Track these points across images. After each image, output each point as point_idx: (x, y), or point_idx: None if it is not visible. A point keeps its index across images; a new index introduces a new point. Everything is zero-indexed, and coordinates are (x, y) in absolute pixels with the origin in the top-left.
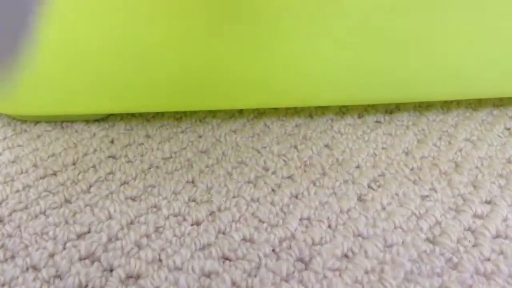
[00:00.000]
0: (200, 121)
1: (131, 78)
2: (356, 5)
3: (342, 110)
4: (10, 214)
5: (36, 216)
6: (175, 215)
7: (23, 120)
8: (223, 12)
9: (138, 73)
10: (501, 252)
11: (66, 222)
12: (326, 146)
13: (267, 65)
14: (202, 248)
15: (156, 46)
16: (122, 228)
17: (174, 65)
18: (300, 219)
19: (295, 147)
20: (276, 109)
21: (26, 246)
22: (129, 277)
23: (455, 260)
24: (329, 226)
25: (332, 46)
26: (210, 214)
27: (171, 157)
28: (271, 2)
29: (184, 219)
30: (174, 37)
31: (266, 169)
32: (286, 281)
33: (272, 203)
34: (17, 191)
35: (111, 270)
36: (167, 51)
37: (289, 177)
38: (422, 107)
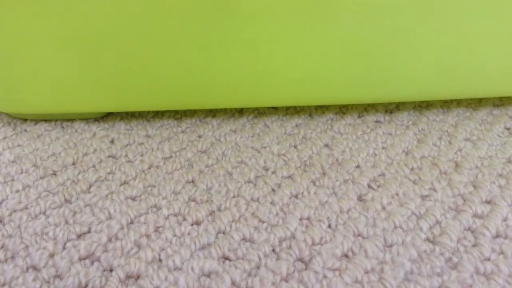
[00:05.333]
0: (200, 121)
1: (130, 77)
2: (356, 4)
3: (342, 110)
4: (10, 214)
5: (36, 216)
6: (175, 215)
7: (23, 119)
8: (223, 12)
9: (137, 71)
10: (501, 252)
11: (66, 222)
12: (326, 146)
13: (267, 65)
14: (202, 248)
15: (156, 45)
16: (122, 228)
17: (174, 63)
18: (300, 219)
19: (295, 147)
20: (276, 109)
21: (26, 246)
22: (128, 277)
23: (455, 260)
24: (329, 226)
25: (332, 46)
26: (210, 214)
27: (171, 157)
28: (272, 1)
29: (184, 219)
30: (174, 36)
31: (266, 169)
32: (286, 281)
33: (272, 203)
34: (17, 191)
35: (111, 270)
36: (167, 50)
37: (289, 177)
38: (422, 106)
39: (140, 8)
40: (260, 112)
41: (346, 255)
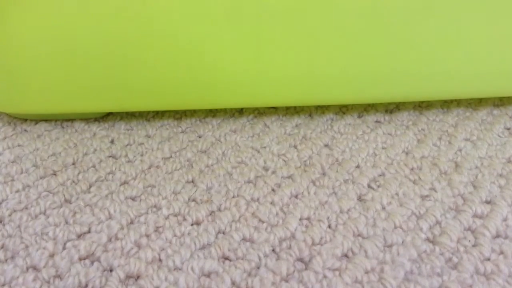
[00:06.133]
0: (200, 121)
1: (131, 77)
2: (356, 5)
3: (342, 110)
4: (10, 214)
5: (36, 216)
6: (175, 215)
7: (23, 119)
8: (222, 12)
9: (137, 71)
10: (501, 252)
11: (66, 222)
12: (326, 146)
13: (266, 65)
14: (202, 248)
15: (156, 45)
16: (122, 228)
17: (174, 64)
18: (300, 219)
19: (295, 147)
20: (276, 109)
21: (26, 246)
22: (128, 277)
23: (455, 260)
24: (329, 226)
25: (333, 46)
26: (210, 214)
27: (171, 157)
28: (271, 1)
29: (184, 219)
30: (174, 36)
31: (266, 169)
32: (286, 281)
33: (272, 203)
34: (17, 191)
35: (111, 270)
36: (167, 50)
37: (289, 177)
38: (422, 107)
39: (140, 8)
40: (260, 112)
41: (346, 255)
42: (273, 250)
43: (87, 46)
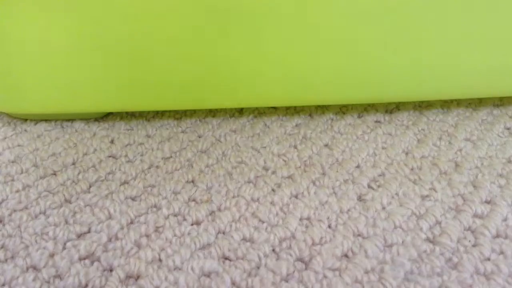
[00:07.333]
0: (200, 121)
1: (130, 77)
2: (356, 4)
3: (342, 110)
4: (10, 214)
5: (36, 216)
6: (175, 215)
7: (23, 119)
8: (222, 12)
9: (137, 71)
10: (501, 252)
11: (66, 222)
12: (326, 146)
13: (267, 65)
14: (202, 248)
15: (156, 45)
16: (122, 228)
17: (174, 63)
18: (300, 219)
19: (295, 147)
20: (276, 109)
21: (26, 246)
22: (128, 277)
23: (455, 260)
24: (329, 226)
25: (333, 46)
26: (210, 214)
27: (171, 157)
28: (271, 1)
29: (184, 219)
30: (174, 36)
31: (266, 169)
32: (286, 281)
33: (272, 203)
34: (17, 191)
35: (111, 270)
36: (167, 50)
37: (289, 177)
38: (422, 107)
39: (140, 8)
40: (260, 112)
41: (346, 255)
42: (273, 250)
43: (87, 46)
